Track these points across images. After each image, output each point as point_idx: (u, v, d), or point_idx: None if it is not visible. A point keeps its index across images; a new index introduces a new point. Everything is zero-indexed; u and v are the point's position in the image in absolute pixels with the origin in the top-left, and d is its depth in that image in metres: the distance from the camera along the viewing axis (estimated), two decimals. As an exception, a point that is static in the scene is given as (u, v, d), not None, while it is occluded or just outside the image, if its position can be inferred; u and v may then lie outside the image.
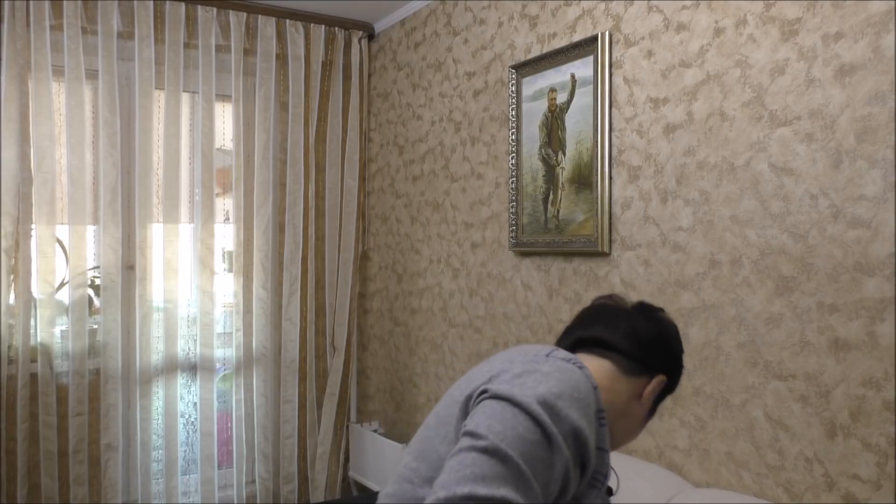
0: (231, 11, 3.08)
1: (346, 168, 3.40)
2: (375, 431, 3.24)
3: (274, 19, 3.19)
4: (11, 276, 2.70)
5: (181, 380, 3.07)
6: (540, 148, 2.35)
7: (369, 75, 3.50)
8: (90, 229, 2.87)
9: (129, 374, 2.93)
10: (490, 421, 0.87)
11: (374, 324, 3.46)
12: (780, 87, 1.64)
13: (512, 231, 2.46)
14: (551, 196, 2.30)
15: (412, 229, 3.14)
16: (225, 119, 3.23)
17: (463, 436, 0.88)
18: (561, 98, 2.27)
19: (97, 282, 2.91)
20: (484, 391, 0.94)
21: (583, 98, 2.18)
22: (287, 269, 3.22)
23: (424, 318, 3.04)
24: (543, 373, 0.93)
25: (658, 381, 1.10)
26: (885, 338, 1.44)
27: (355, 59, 3.41)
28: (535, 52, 2.40)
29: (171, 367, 3.01)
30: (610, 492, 1.06)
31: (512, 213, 2.46)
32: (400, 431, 3.20)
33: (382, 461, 3.07)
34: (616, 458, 1.93)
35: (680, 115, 1.89)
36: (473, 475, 0.81)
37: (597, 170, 2.10)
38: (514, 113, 2.46)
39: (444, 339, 2.90)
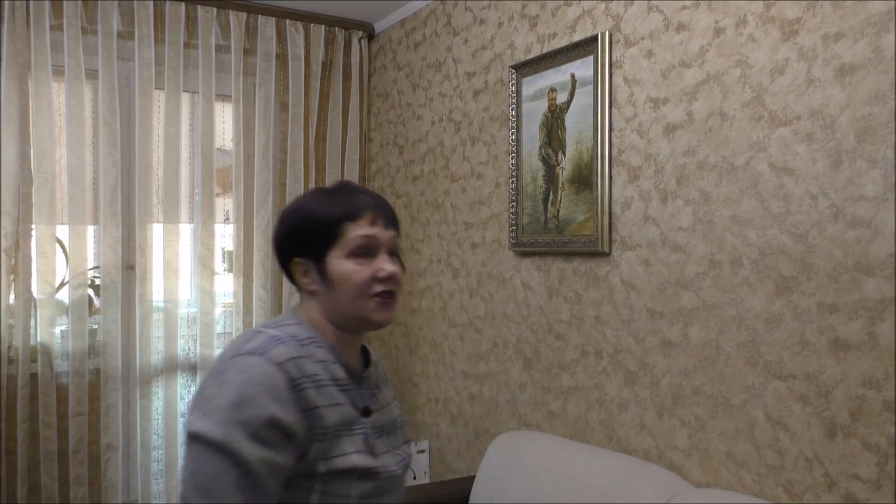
0: (231, 11, 3.08)
1: (346, 168, 3.40)
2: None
3: (274, 19, 3.19)
4: (11, 276, 2.70)
5: (181, 380, 3.07)
6: (540, 148, 2.35)
7: (369, 75, 3.50)
8: (90, 229, 2.87)
9: (129, 374, 2.93)
10: (190, 479, 1.01)
11: (374, 324, 3.45)
12: (780, 87, 1.64)
13: (512, 231, 2.46)
14: (551, 196, 2.30)
15: (412, 229, 3.14)
16: (225, 119, 3.23)
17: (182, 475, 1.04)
18: (561, 98, 2.27)
19: (97, 282, 2.91)
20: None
21: (583, 98, 2.18)
22: (287, 269, 3.22)
23: (424, 318, 3.04)
24: (226, 382, 1.04)
25: (296, 266, 1.19)
26: (885, 338, 1.44)
27: (355, 59, 3.41)
28: (535, 52, 2.40)
29: (171, 367, 3.01)
30: (367, 411, 1.18)
31: (512, 213, 2.46)
32: (400, 431, 3.20)
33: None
34: (616, 459, 1.93)
35: (680, 115, 1.89)
36: None
37: (597, 170, 2.10)
38: (514, 113, 2.46)
39: (444, 339, 2.90)
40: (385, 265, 1.17)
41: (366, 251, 1.16)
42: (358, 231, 1.16)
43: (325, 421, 1.08)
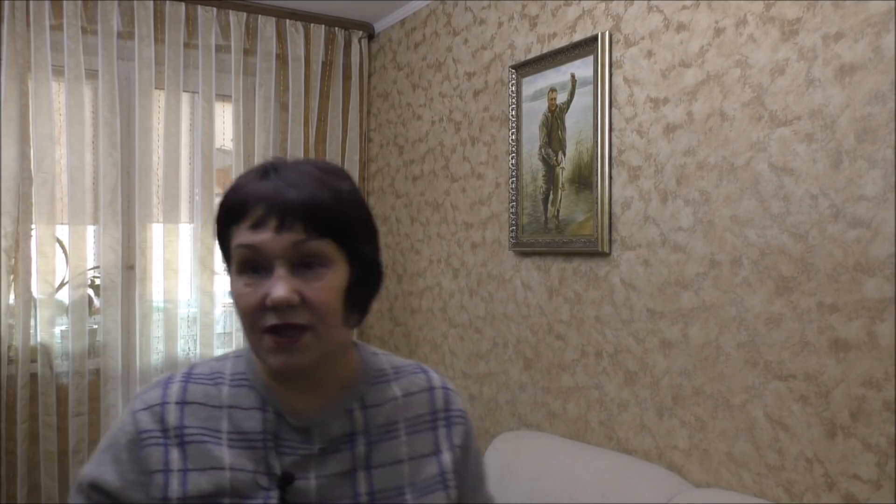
0: (231, 11, 3.08)
1: (346, 168, 3.40)
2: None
3: (274, 19, 3.19)
4: (11, 276, 2.70)
5: (181, 380, 3.07)
6: (540, 148, 2.35)
7: (369, 75, 3.50)
8: (90, 229, 2.87)
9: (129, 375, 2.93)
10: None
11: (374, 324, 3.46)
12: (780, 87, 1.64)
13: (512, 231, 2.46)
14: (551, 196, 2.30)
15: (412, 229, 3.14)
16: (225, 119, 3.23)
17: None
18: (561, 98, 2.27)
19: (97, 282, 2.91)
20: None
21: (583, 98, 2.18)
22: (287, 269, 3.22)
23: (424, 318, 3.04)
24: None
25: None
26: (885, 338, 1.44)
27: (355, 59, 3.41)
28: (535, 52, 2.40)
29: (171, 367, 3.01)
30: (286, 478, 0.84)
31: (512, 213, 2.46)
32: (400, 431, 3.20)
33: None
34: (616, 459, 1.93)
35: (680, 115, 1.89)
36: None
37: (597, 170, 2.10)
38: (514, 113, 2.46)
39: (444, 339, 2.90)
40: (274, 287, 0.79)
41: (257, 266, 0.81)
42: (237, 239, 0.82)
43: (172, 491, 0.82)
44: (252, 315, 0.81)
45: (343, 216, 0.83)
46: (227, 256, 0.86)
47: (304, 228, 0.80)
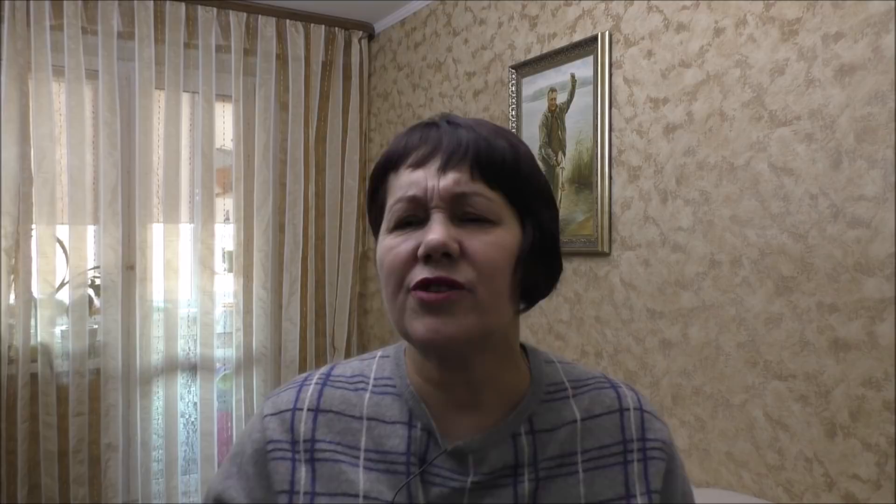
0: (231, 11, 3.08)
1: (346, 168, 3.40)
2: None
3: (274, 19, 3.19)
4: (11, 276, 2.70)
5: (181, 380, 3.07)
6: (540, 148, 2.36)
7: (369, 75, 3.50)
8: (90, 229, 2.87)
9: (130, 374, 2.93)
10: None
11: (374, 324, 3.46)
12: (780, 87, 1.64)
13: (512, 231, 2.46)
14: (551, 196, 2.30)
15: (412, 229, 3.14)
16: (225, 119, 3.23)
17: None
18: (561, 98, 2.27)
19: (97, 282, 2.91)
20: None
21: (583, 98, 2.18)
22: (287, 269, 3.22)
23: (424, 318, 3.04)
24: None
25: None
26: (885, 338, 1.44)
27: (355, 59, 3.41)
28: (535, 52, 2.40)
29: (171, 367, 3.01)
30: None
31: (512, 213, 2.46)
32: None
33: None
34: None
35: (680, 115, 1.89)
36: None
37: (597, 170, 2.10)
38: (514, 113, 2.47)
39: (444, 339, 2.89)
40: (429, 232, 0.65)
41: (410, 217, 0.67)
42: (395, 191, 0.69)
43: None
44: (399, 270, 0.66)
45: (518, 169, 0.69)
46: (378, 219, 0.73)
47: (471, 172, 0.67)
